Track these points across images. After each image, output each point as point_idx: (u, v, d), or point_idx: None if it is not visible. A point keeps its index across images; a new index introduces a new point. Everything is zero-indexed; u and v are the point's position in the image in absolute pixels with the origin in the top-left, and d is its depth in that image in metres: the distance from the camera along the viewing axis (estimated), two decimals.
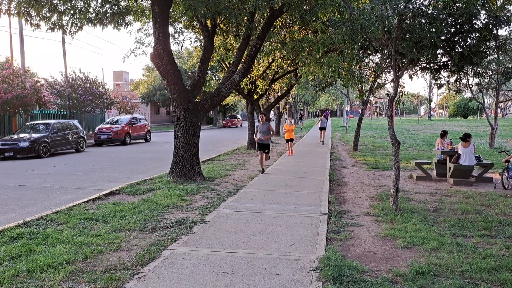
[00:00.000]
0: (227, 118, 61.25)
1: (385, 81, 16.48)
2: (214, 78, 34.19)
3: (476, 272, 5.08)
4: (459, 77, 9.83)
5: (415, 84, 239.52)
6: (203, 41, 14.06)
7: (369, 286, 4.71)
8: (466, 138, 11.74)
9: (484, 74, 18.47)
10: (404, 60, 9.21)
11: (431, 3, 8.44)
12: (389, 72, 12.91)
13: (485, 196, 9.84)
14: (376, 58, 14.40)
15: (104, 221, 7.56)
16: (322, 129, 28.37)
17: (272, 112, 37.28)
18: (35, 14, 11.40)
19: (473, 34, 8.58)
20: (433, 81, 10.63)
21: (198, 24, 13.70)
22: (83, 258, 5.62)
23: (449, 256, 5.66)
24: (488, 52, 9.30)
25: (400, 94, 9.43)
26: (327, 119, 34.15)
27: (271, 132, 13.70)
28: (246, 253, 5.84)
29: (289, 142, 19.58)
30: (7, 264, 5.38)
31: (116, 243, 6.29)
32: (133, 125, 29.64)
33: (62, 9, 11.65)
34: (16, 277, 4.99)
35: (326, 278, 4.90)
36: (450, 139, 12.77)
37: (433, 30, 8.02)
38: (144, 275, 5.06)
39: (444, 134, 13.22)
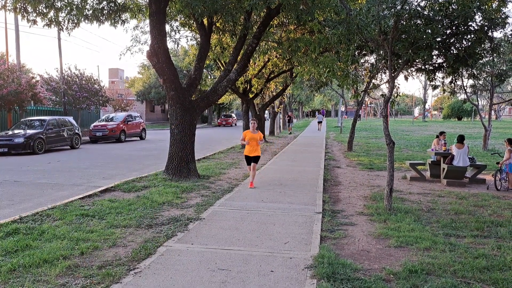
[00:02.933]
0: (222, 117, 61.20)
1: (380, 82, 16.56)
2: (210, 77, 34.21)
3: (468, 271, 5.15)
4: (454, 78, 9.91)
5: (410, 85, 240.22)
6: (199, 39, 14.08)
7: (363, 284, 4.77)
8: (462, 140, 11.83)
9: (478, 76, 18.61)
10: (400, 61, 9.27)
11: (428, 4, 8.50)
12: (385, 73, 12.93)
13: (478, 197, 9.93)
14: (371, 58, 14.45)
15: (100, 217, 7.58)
16: (319, 122, 44.18)
17: (266, 111, 37.32)
18: (32, 10, 11.38)
19: (469, 36, 8.66)
20: (428, 82, 10.71)
21: (194, 23, 13.71)
22: (80, 254, 5.65)
23: (441, 255, 5.73)
24: (483, 54, 9.38)
25: (395, 95, 9.50)
26: (323, 115, 49.84)
27: None
28: (241, 250, 5.88)
29: (252, 164, 11.07)
30: (3, 259, 5.40)
31: (112, 239, 6.32)
32: (128, 123, 29.58)
33: (59, 6, 11.63)
34: (13, 272, 5.01)
35: (320, 276, 4.95)
36: (445, 141, 12.86)
37: (429, 31, 8.10)
38: (140, 270, 5.10)
39: (440, 134, 13.25)
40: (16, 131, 21.05)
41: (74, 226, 6.95)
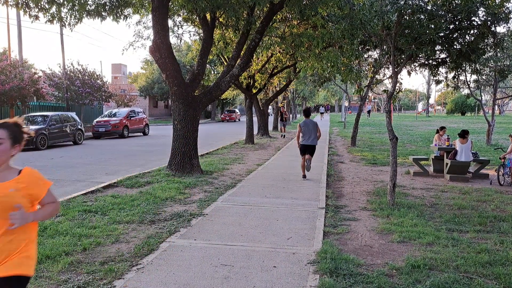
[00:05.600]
0: (225, 112, 61.15)
1: (383, 77, 16.52)
2: (213, 72, 34.16)
3: (471, 266, 5.14)
4: (457, 73, 9.88)
5: (414, 80, 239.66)
6: (202, 34, 14.06)
7: (365, 280, 4.77)
8: (464, 134, 11.79)
9: (482, 71, 18.54)
10: (403, 56, 9.24)
11: None
12: (388, 68, 12.90)
13: (481, 192, 9.91)
14: (375, 53, 14.40)
15: (103, 213, 7.60)
16: (321, 113, 63.29)
17: (270, 106, 37.29)
18: (34, 5, 11.38)
19: (472, 31, 8.62)
20: (432, 78, 10.69)
21: (197, 18, 13.68)
22: (82, 250, 5.66)
23: (444, 250, 5.73)
24: (486, 49, 9.34)
25: (398, 90, 9.47)
26: (325, 109, 67.08)
27: None
28: (244, 246, 5.88)
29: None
30: None
31: (115, 235, 6.33)
32: (131, 118, 29.59)
33: (61, 1, 11.62)
34: None
35: (323, 271, 4.95)
36: (448, 135, 12.82)
37: (432, 26, 8.06)
38: (142, 266, 5.10)
39: (440, 130, 13.16)
40: None
41: (77, 222, 6.96)
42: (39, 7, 11.45)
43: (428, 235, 6.35)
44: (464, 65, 9.94)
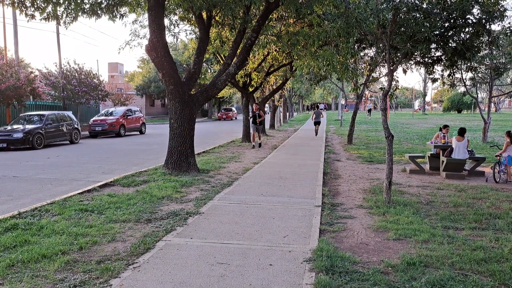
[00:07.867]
0: (222, 110, 61.20)
1: (379, 75, 16.55)
2: (209, 71, 34.13)
3: (466, 264, 5.16)
4: (452, 71, 9.90)
5: (410, 78, 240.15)
6: (198, 33, 14.05)
7: (361, 277, 4.78)
8: (462, 132, 11.82)
9: (477, 68, 18.61)
10: (399, 54, 9.26)
11: None
12: (384, 66, 12.93)
13: (476, 189, 9.94)
14: (370, 52, 14.45)
15: (99, 212, 7.59)
16: (321, 109, 49.12)
17: (267, 105, 37.31)
18: (30, 4, 11.35)
19: (467, 29, 8.66)
20: (428, 75, 10.71)
21: (193, 16, 13.67)
22: (78, 249, 5.66)
23: (440, 248, 5.75)
24: (481, 47, 9.37)
25: (394, 88, 9.49)
26: (324, 108, 71.81)
27: None
28: (240, 244, 5.89)
29: None
30: (2, 255, 5.41)
31: (111, 234, 6.33)
32: (128, 117, 29.54)
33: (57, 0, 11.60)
34: (11, 267, 5.02)
35: (318, 269, 4.97)
36: (444, 134, 12.84)
37: (427, 24, 8.08)
38: (139, 265, 5.11)
39: (443, 128, 13.12)
40: (15, 126, 21.05)
41: (73, 221, 6.96)
42: (35, 6, 11.42)
43: (423, 233, 6.37)
44: (460, 63, 9.97)
